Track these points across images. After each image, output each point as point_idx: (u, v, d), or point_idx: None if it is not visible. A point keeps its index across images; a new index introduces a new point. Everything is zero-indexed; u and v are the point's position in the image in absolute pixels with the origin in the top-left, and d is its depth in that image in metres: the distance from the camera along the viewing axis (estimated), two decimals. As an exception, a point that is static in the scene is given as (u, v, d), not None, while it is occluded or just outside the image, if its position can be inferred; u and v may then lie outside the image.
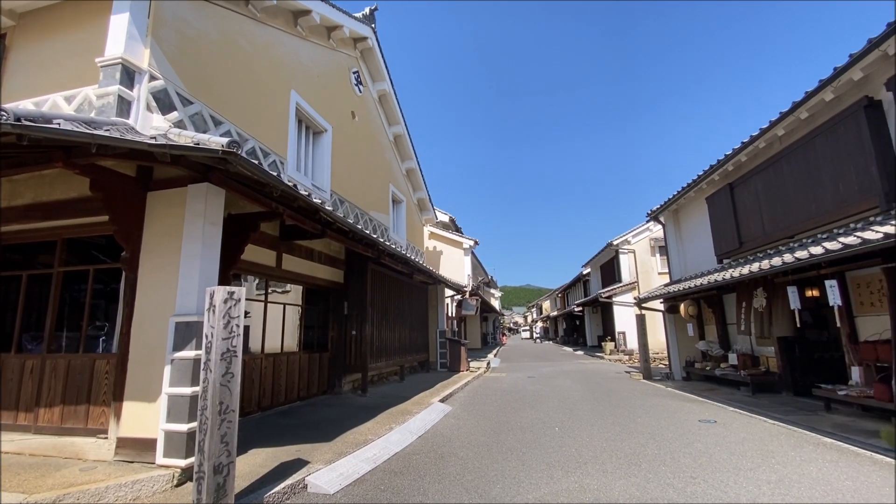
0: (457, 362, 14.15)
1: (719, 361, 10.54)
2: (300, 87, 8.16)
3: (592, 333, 29.02)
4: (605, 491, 3.94)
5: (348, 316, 9.26)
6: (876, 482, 3.96)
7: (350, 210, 9.99)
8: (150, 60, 4.94)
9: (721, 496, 3.76)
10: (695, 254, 12.06)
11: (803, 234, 7.68)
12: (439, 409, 7.79)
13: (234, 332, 3.59)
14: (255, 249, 6.55)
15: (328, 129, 9.18)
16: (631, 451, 5.18)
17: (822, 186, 7.21)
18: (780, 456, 4.84)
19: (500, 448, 5.41)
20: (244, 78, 6.60)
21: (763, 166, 8.77)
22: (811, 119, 7.49)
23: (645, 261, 20.77)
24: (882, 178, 6.11)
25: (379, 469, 4.67)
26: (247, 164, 3.90)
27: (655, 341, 15.08)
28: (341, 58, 10.22)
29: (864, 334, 6.76)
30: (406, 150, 14.39)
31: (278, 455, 4.81)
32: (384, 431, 5.91)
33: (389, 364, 10.61)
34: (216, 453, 3.39)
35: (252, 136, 6.60)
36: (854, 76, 6.41)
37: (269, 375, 7.18)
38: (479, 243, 20.17)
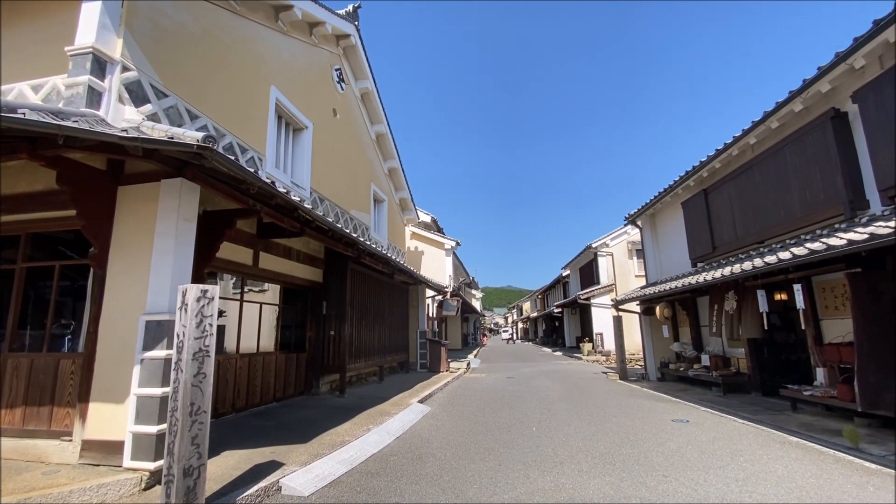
0: (437, 363, 14.14)
1: (692, 362, 10.81)
2: (280, 82, 8.03)
3: (571, 334, 29.41)
4: (579, 490, 4.00)
5: (327, 316, 9.15)
6: (838, 480, 4.12)
7: (330, 208, 9.88)
8: (124, 51, 4.79)
9: (691, 494, 3.85)
10: (670, 257, 12.35)
11: (773, 239, 7.94)
12: (418, 409, 7.77)
13: (207, 332, 3.50)
14: (232, 247, 6.42)
15: (309, 125, 9.07)
16: (606, 450, 5.26)
17: (791, 194, 7.48)
18: (749, 454, 4.99)
19: (478, 448, 5.42)
20: (223, 72, 6.46)
21: (736, 173, 9.04)
22: (781, 129, 7.76)
23: (623, 263, 21.16)
24: (846, 187, 6.37)
25: (355, 470, 4.62)
26: (223, 159, 3.82)
27: (632, 342, 15.37)
28: (323, 55, 10.11)
29: (829, 337, 7.03)
30: (388, 150, 14.32)
31: (252, 457, 4.72)
32: (362, 432, 5.86)
33: (368, 365, 10.53)
34: (186, 455, 3.30)
35: (230, 132, 6.47)
36: (822, 88, 6.67)
37: (244, 376, 7.04)
38: (461, 244, 20.22)
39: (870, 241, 4.66)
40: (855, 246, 4.84)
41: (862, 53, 5.93)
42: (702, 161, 9.75)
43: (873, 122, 5.94)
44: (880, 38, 5.63)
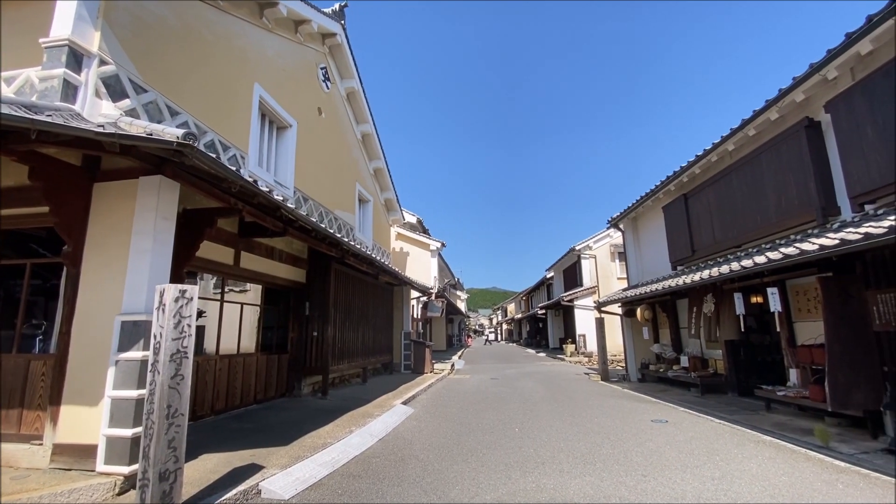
0: (421, 364, 14.12)
1: (672, 364, 11.02)
2: (264, 80, 7.93)
3: (554, 336, 29.68)
4: (560, 490, 4.03)
5: (310, 317, 9.05)
6: (809, 478, 4.25)
7: (314, 208, 9.79)
8: (101, 44, 4.67)
9: (669, 493, 3.93)
10: (651, 260, 12.57)
11: (750, 243, 8.15)
12: (401, 411, 7.74)
13: (185, 333, 3.44)
14: (212, 246, 6.31)
15: (293, 124, 8.97)
16: (587, 450, 5.33)
17: (767, 199, 7.69)
18: (725, 453, 5.10)
19: (461, 450, 5.43)
20: (205, 68, 6.35)
21: (715, 179, 9.25)
22: (758, 136, 7.97)
23: (605, 266, 21.45)
24: (819, 193, 6.58)
25: (337, 473, 4.58)
26: (204, 157, 3.75)
27: (613, 344, 15.60)
28: (308, 53, 10.01)
29: (802, 338, 7.24)
30: (374, 150, 14.25)
31: (231, 460, 4.64)
32: (344, 434, 5.82)
33: (352, 366, 10.45)
34: (162, 459, 3.23)
35: (211, 129, 6.36)
36: (797, 98, 6.88)
37: (223, 377, 6.92)
38: (447, 245, 20.25)
39: (840, 247, 4.82)
40: (826, 251, 5.00)
41: (835, 65, 6.14)
42: (682, 166, 9.96)
43: (845, 132, 6.15)
44: (852, 51, 5.84)
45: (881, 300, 5.48)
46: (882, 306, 5.47)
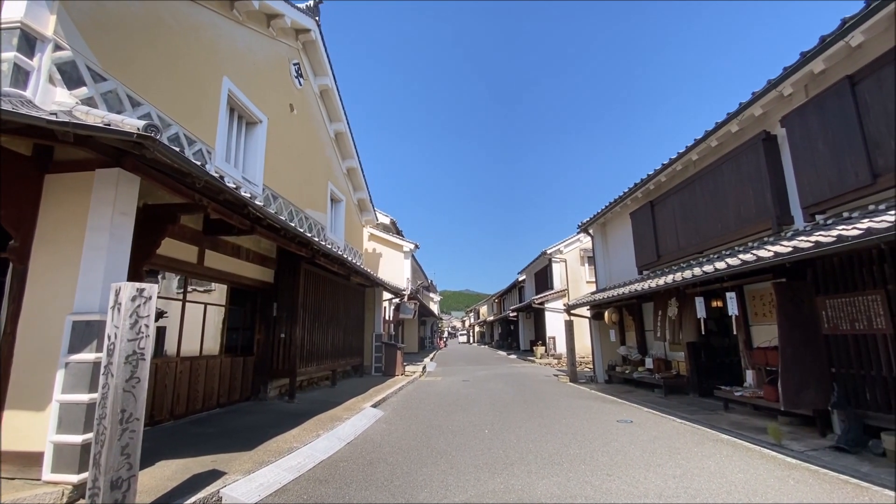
0: (392, 366, 14.00)
1: (637, 365, 11.34)
2: (234, 73, 7.70)
3: (525, 338, 30.03)
4: (528, 491, 4.07)
5: (277, 318, 8.83)
6: (763, 475, 4.44)
7: (284, 206, 9.56)
8: (57, 28, 4.41)
9: (632, 491, 4.02)
10: (619, 265, 12.91)
11: (711, 250, 8.49)
12: (371, 414, 7.65)
13: (142, 333, 3.28)
14: (174, 244, 6.06)
15: (263, 120, 8.74)
16: (555, 451, 5.40)
17: (728, 208, 8.03)
18: (685, 452, 5.28)
19: (431, 452, 5.41)
20: (170, 58, 6.11)
21: (679, 187, 9.60)
22: (720, 147, 8.32)
23: (575, 270, 21.88)
24: (775, 203, 6.92)
25: (303, 478, 4.47)
26: (166, 150, 3.60)
27: (582, 346, 15.91)
28: (281, 48, 9.80)
29: (758, 341, 7.59)
30: (347, 149, 14.07)
31: (191, 466, 4.46)
32: (311, 438, 5.69)
33: (321, 368, 10.25)
34: (115, 467, 3.07)
35: (176, 122, 6.12)
36: (755, 112, 7.22)
37: (184, 380, 6.65)
38: (420, 247, 20.19)
39: (793, 254, 5.07)
40: (780, 258, 5.26)
41: (790, 82, 6.48)
42: (649, 174, 10.28)
43: (798, 146, 6.50)
44: (806, 69, 6.18)
45: (829, 305, 5.81)
46: (830, 311, 5.80)
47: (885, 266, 5.19)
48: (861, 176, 5.51)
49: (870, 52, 5.53)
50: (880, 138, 5.33)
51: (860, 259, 5.48)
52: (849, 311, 5.57)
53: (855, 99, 5.62)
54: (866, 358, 5.38)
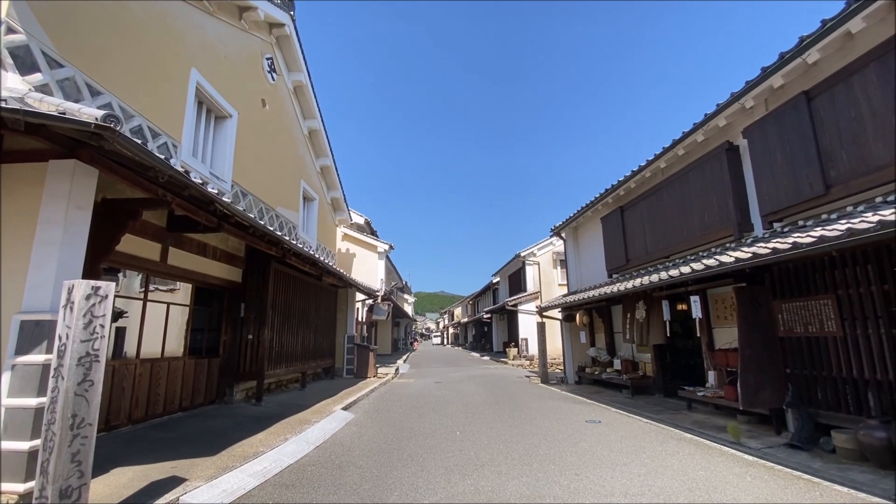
0: (364, 368, 13.83)
1: (606, 366, 11.59)
2: (203, 66, 7.44)
3: (499, 339, 30.27)
4: (498, 492, 4.08)
5: (245, 318, 8.58)
6: (722, 471, 4.60)
7: (254, 204, 9.31)
8: (10, 10, 4.15)
9: (599, 490, 4.10)
10: (590, 268, 13.18)
11: (677, 254, 8.77)
12: (341, 417, 7.52)
13: (96, 334, 3.11)
14: (136, 241, 5.81)
15: (233, 114, 8.49)
16: (525, 451, 5.44)
17: (693, 214, 8.32)
18: (650, 451, 5.42)
19: (401, 455, 5.36)
20: (135, 47, 5.85)
21: (648, 193, 9.88)
22: (686, 156, 8.61)
23: (548, 272, 22.21)
24: (736, 211, 7.21)
25: (269, 483, 4.35)
26: (127, 142, 3.43)
27: (553, 348, 16.14)
28: (254, 41, 9.55)
29: (719, 343, 7.88)
30: (321, 146, 13.84)
31: (149, 473, 4.27)
32: (278, 442, 5.54)
33: (290, 371, 10.02)
34: (64, 475, 2.89)
35: (139, 113, 5.86)
36: (719, 123, 7.51)
37: (144, 383, 6.37)
38: (395, 248, 20.05)
39: (752, 260, 5.29)
40: (741, 263, 5.48)
41: (752, 95, 6.76)
42: (619, 180, 10.54)
43: (758, 156, 6.80)
44: (766, 84, 6.46)
45: (785, 309, 6.10)
46: (786, 314, 6.09)
47: (835, 272, 5.48)
48: (815, 187, 5.80)
49: (825, 69, 5.84)
50: (832, 151, 5.63)
51: (813, 265, 5.77)
52: (802, 315, 5.85)
53: (810, 113, 5.92)
54: (818, 359, 5.67)
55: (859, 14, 5.10)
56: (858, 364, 5.18)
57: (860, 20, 5.15)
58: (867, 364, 5.09)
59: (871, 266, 5.07)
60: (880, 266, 5.00)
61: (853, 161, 5.38)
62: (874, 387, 5.01)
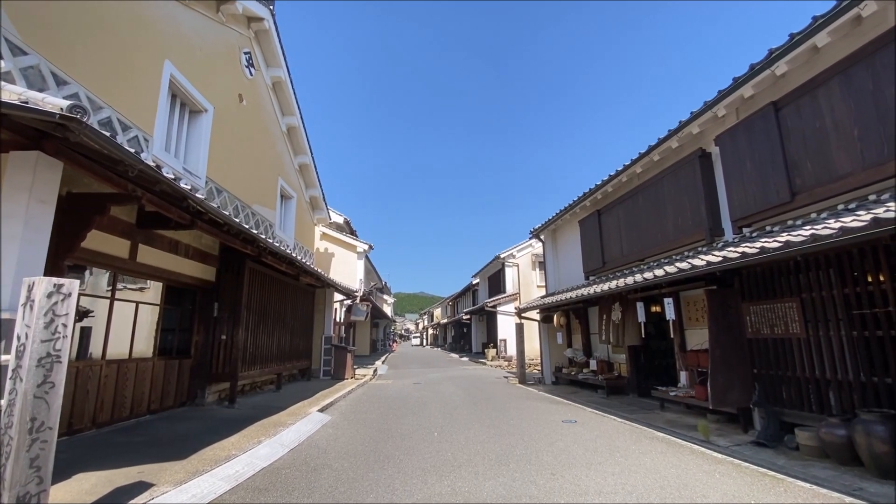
0: (342, 370, 13.66)
1: (582, 367, 11.77)
2: (177, 58, 7.23)
3: (478, 340, 30.39)
4: (474, 492, 4.09)
5: (219, 318, 8.37)
6: (692, 469, 4.72)
7: (229, 201, 9.10)
8: (-33, -7, 3.95)
9: (574, 489, 4.15)
10: (568, 270, 13.37)
11: (652, 257, 8.98)
12: (317, 419, 7.41)
13: (58, 334, 2.98)
14: (103, 237, 5.61)
15: (209, 109, 8.27)
16: (502, 452, 5.47)
17: (667, 218, 8.53)
18: (624, 450, 5.52)
19: (378, 456, 5.31)
20: (105, 36, 5.64)
21: (624, 198, 10.09)
22: (661, 161, 8.83)
23: (527, 274, 22.44)
24: (708, 216, 7.43)
25: (241, 487, 4.24)
26: (94, 134, 3.31)
27: (531, 348, 16.31)
28: (231, 35, 9.34)
29: (691, 344, 8.10)
30: (300, 144, 13.63)
31: (114, 478, 4.11)
32: (251, 445, 5.42)
33: (265, 372, 9.82)
34: (22, 481, 2.76)
35: (109, 105, 5.65)
36: (693, 130, 7.72)
37: (110, 385, 6.14)
38: (375, 248, 19.91)
39: (722, 263, 5.46)
40: (711, 266, 5.64)
41: (724, 104, 6.98)
42: (597, 184, 10.73)
43: (729, 163, 7.02)
44: (737, 93, 6.68)
45: (753, 311, 6.31)
46: (754, 316, 6.30)
47: (800, 276, 5.71)
48: (781, 194, 6.03)
49: (792, 81, 6.08)
50: (798, 160, 5.87)
51: (780, 269, 5.99)
52: (769, 317, 6.07)
53: (778, 123, 6.16)
54: (783, 360, 5.88)
55: (824, 29, 5.33)
56: (821, 364, 5.40)
57: (825, 35, 5.38)
58: (829, 364, 5.31)
59: (833, 270, 5.30)
60: (842, 271, 5.22)
61: (817, 170, 5.62)
62: (835, 386, 5.23)
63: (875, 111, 4.97)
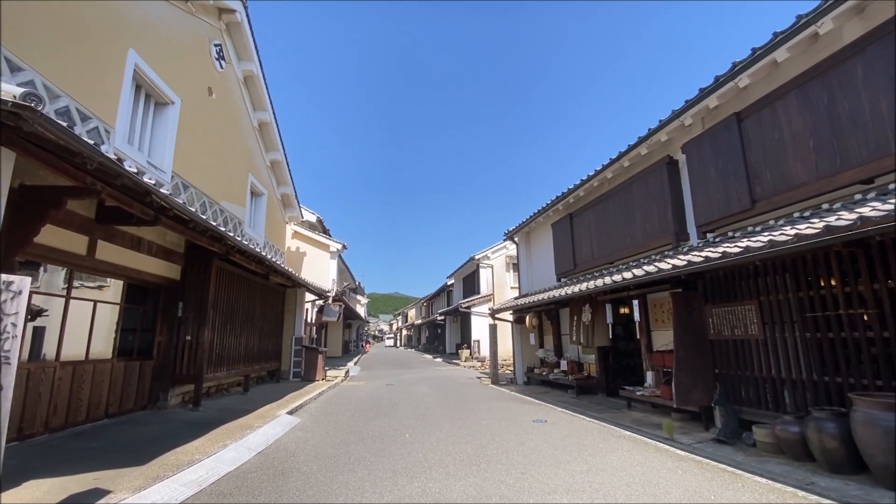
0: (312, 371, 13.42)
1: (553, 367, 11.96)
2: (142, 47, 6.95)
3: (451, 341, 30.45)
4: (445, 493, 4.09)
5: (183, 318, 8.08)
6: (657, 466, 4.87)
7: (196, 197, 8.80)
8: None
9: (543, 487, 4.21)
10: (540, 272, 13.57)
11: (621, 260, 9.22)
12: (286, 421, 7.26)
13: (7, 334, 2.81)
14: (59, 232, 5.33)
15: (176, 101, 7.98)
16: (473, 452, 5.50)
17: (636, 223, 8.78)
18: (592, 448, 5.64)
19: (348, 459, 5.24)
20: (64, 21, 5.37)
21: (595, 202, 10.33)
22: (631, 167, 9.09)
23: (501, 275, 22.65)
24: (674, 221, 7.69)
25: (204, 492, 4.10)
26: (50, 124, 3.14)
27: (504, 349, 16.45)
28: (201, 26, 9.05)
29: (657, 345, 8.35)
30: (272, 140, 13.33)
31: (67, 486, 3.90)
32: (216, 449, 5.25)
33: (232, 374, 9.54)
34: (-38, 492, 2.59)
35: (67, 94, 5.38)
36: (661, 138, 7.98)
37: (64, 388, 5.83)
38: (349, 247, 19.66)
39: (687, 267, 5.66)
40: (677, 270, 5.84)
41: (690, 113, 7.25)
42: (570, 188, 10.95)
43: (695, 171, 7.29)
44: (703, 104, 6.95)
45: (715, 313, 6.56)
46: (716, 318, 6.55)
47: (759, 280, 5.97)
48: (743, 201, 6.31)
49: (754, 93, 6.37)
50: (758, 169, 6.15)
51: (740, 273, 6.25)
52: (730, 319, 6.32)
53: (741, 133, 6.43)
54: (743, 360, 6.14)
55: (784, 45, 5.61)
56: (777, 365, 5.67)
57: (785, 50, 5.66)
58: (784, 365, 5.57)
59: (789, 275, 5.57)
60: (796, 275, 5.49)
61: (776, 179, 5.90)
62: (790, 385, 5.50)
63: (829, 125, 5.27)
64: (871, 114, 4.83)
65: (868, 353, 4.71)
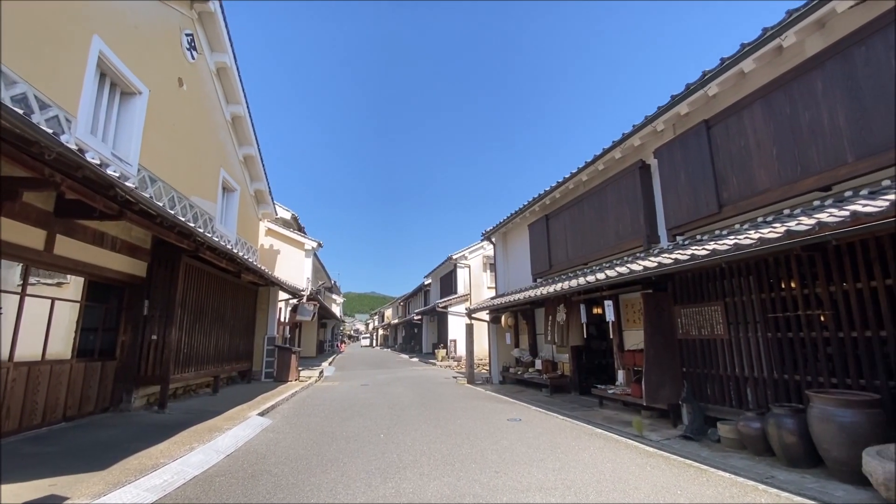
0: (285, 371, 13.16)
1: (528, 367, 12.09)
2: (108, 33, 6.66)
3: (428, 341, 30.41)
4: (419, 493, 4.07)
5: (149, 317, 7.78)
6: (626, 463, 4.98)
7: (164, 191, 8.49)
8: None
9: (516, 485, 4.24)
10: (517, 272, 13.70)
11: (595, 262, 9.40)
12: (257, 423, 7.09)
13: (-48, 333, 2.64)
14: (14, 225, 5.05)
15: (143, 91, 7.68)
16: (447, 451, 5.50)
17: (609, 225, 8.97)
18: (565, 446, 5.72)
19: (321, 460, 5.16)
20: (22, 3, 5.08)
21: (571, 204, 10.50)
22: (606, 171, 9.27)
23: (478, 275, 22.75)
24: (646, 224, 7.89)
25: (169, 497, 3.96)
26: (5, 111, 2.96)
27: (481, 349, 16.55)
28: (172, 14, 8.74)
29: (628, 344, 8.55)
30: (245, 134, 12.99)
31: (20, 493, 3.70)
32: (183, 452, 5.08)
33: (200, 374, 9.25)
34: None
35: (24, 80, 5.10)
36: (635, 143, 8.17)
37: (18, 390, 5.53)
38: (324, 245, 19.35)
39: (657, 269, 5.81)
40: (647, 271, 5.99)
41: (662, 119, 7.45)
42: (546, 190, 11.09)
43: (666, 175, 7.49)
44: (675, 110, 7.15)
45: (683, 314, 6.76)
46: (684, 318, 6.75)
47: (724, 282, 6.19)
48: (711, 205, 6.52)
49: (722, 102, 6.59)
50: (726, 175, 6.37)
51: (707, 275, 6.46)
52: (697, 319, 6.53)
53: (709, 140, 6.65)
54: (709, 359, 6.35)
55: (751, 56, 5.83)
56: (740, 363, 5.89)
57: (752, 61, 5.88)
58: (747, 363, 5.79)
59: (753, 277, 5.79)
60: (760, 278, 5.72)
61: (741, 185, 6.13)
62: (752, 383, 5.72)
63: (791, 134, 5.50)
64: (830, 125, 5.08)
65: (824, 352, 4.94)
